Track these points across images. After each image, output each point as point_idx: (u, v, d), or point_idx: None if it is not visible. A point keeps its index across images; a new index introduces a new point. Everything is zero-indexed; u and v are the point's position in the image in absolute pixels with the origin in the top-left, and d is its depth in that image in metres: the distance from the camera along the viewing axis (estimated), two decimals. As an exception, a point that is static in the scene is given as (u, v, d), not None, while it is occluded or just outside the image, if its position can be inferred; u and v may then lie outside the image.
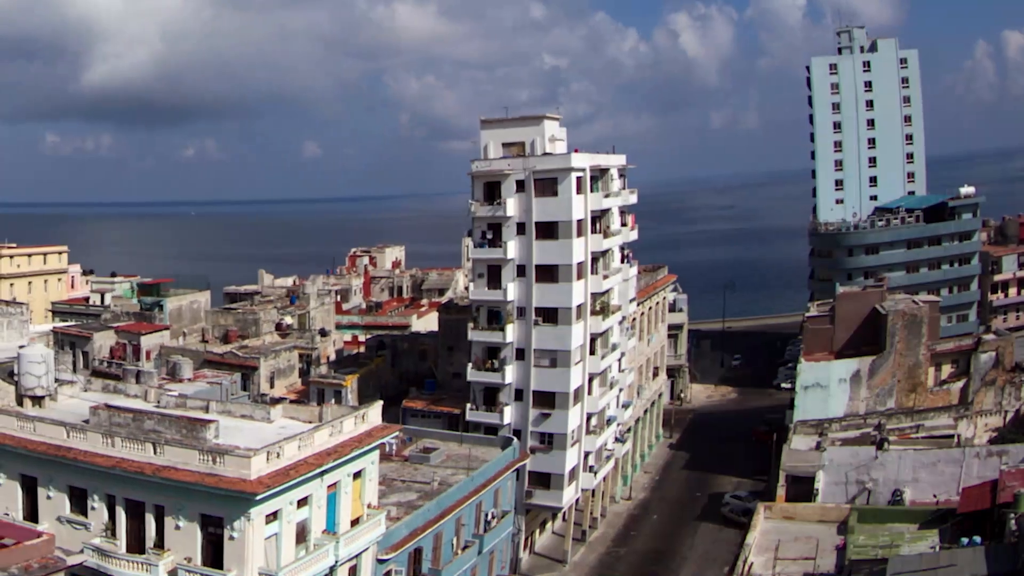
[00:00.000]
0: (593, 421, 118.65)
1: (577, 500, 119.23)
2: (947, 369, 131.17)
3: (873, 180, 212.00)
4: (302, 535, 70.73)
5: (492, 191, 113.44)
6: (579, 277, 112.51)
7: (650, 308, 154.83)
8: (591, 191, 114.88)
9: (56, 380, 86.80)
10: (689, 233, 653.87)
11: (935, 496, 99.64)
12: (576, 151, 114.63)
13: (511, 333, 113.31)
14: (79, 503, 71.70)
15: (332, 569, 72.54)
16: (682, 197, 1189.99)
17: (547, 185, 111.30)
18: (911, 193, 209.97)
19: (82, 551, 68.93)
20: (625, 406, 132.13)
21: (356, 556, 75.74)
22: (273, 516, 67.33)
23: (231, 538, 65.52)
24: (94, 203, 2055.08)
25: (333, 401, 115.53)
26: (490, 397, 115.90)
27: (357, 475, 76.81)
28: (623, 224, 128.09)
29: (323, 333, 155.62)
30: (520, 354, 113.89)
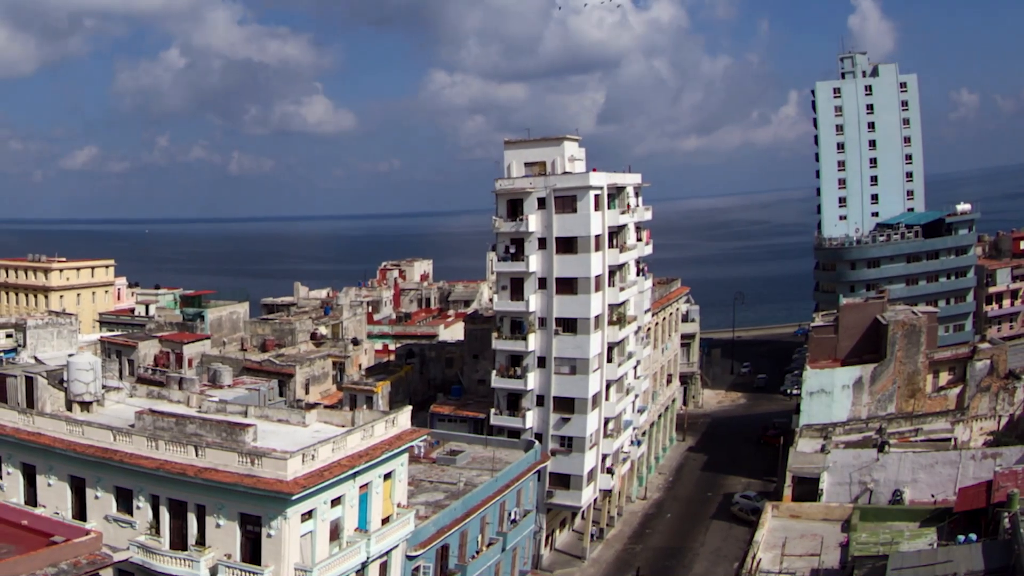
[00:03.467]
0: (610, 425, 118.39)
1: (595, 500, 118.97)
2: (944, 376, 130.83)
3: (875, 197, 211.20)
4: (335, 533, 70.54)
5: (515, 208, 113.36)
6: (597, 289, 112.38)
7: (664, 318, 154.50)
8: (608, 208, 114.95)
9: (103, 387, 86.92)
10: (707, 250, 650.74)
11: (933, 496, 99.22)
12: (595, 170, 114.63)
13: (533, 342, 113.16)
14: (125, 503, 71.66)
15: (364, 565, 72.40)
16: (724, 212, 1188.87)
17: (567, 202, 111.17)
18: (910, 210, 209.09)
19: (128, 548, 68.93)
20: (640, 411, 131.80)
21: (386, 553, 75.61)
22: (308, 515, 67.20)
23: (268, 536, 65.41)
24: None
25: (365, 406, 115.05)
26: (513, 402, 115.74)
27: (387, 476, 76.68)
28: (638, 239, 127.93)
29: (355, 342, 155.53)
30: (541, 362, 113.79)
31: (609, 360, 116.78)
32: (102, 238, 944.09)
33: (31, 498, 76.34)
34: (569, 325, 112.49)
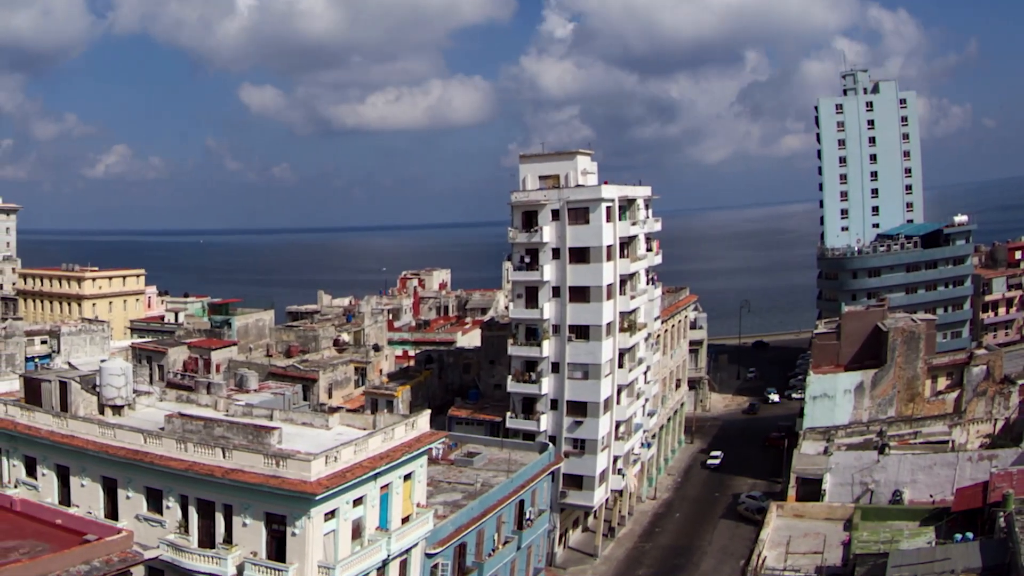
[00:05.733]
0: (621, 428, 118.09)
1: (607, 500, 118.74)
2: (943, 381, 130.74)
3: (875, 209, 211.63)
4: (357, 532, 70.37)
5: (530, 219, 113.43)
6: (608, 298, 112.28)
7: (673, 325, 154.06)
8: (619, 219, 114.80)
9: (134, 391, 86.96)
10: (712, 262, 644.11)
11: (932, 496, 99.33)
12: (606, 183, 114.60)
13: (547, 348, 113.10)
14: (155, 502, 71.54)
15: (384, 563, 72.21)
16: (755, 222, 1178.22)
17: (580, 214, 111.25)
18: (910, 221, 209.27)
19: (158, 546, 68.78)
20: (650, 414, 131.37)
21: (406, 551, 75.42)
22: (331, 514, 67.04)
23: (293, 534, 65.29)
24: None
25: (386, 410, 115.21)
26: (528, 406, 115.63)
27: (407, 477, 76.47)
28: (648, 249, 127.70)
29: (376, 348, 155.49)
30: (555, 367, 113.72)
31: (620, 365, 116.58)
32: (155, 248, 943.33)
33: (65, 498, 76.34)
34: (582, 332, 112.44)
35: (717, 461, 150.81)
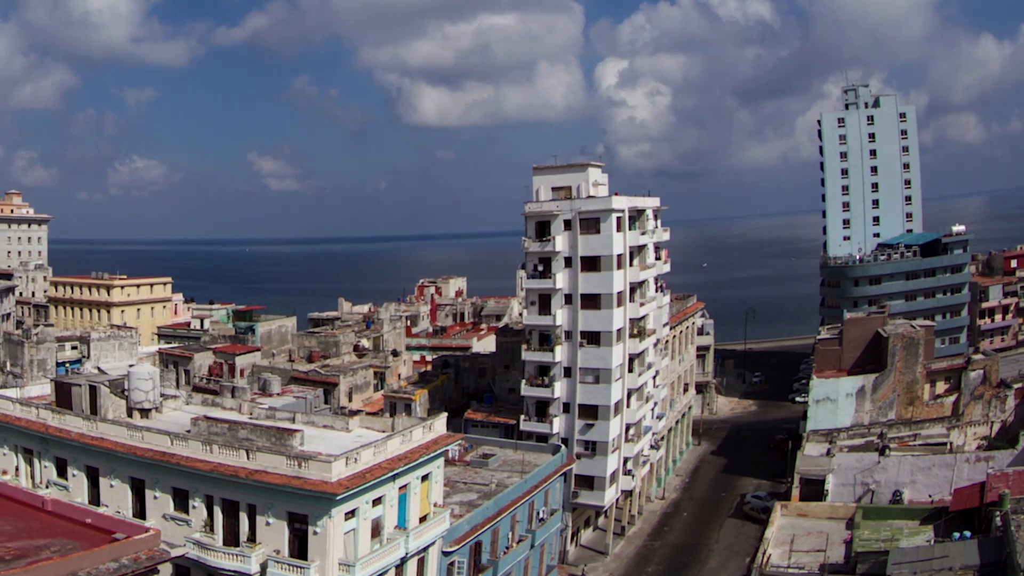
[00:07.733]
0: (631, 430, 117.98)
1: (617, 499, 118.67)
2: (941, 385, 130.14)
3: (876, 219, 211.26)
4: (376, 530, 70.28)
5: (543, 229, 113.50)
6: (619, 305, 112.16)
7: (681, 331, 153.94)
8: (629, 229, 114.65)
9: (161, 395, 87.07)
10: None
11: (930, 496, 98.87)
12: (616, 194, 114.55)
13: (560, 353, 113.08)
14: (181, 502, 71.58)
15: (403, 561, 72.10)
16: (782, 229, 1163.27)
17: (591, 224, 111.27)
18: (909, 231, 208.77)
19: (184, 545, 68.77)
20: (659, 417, 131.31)
21: (424, 549, 75.28)
22: (351, 514, 66.98)
23: (315, 533, 65.23)
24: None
25: (404, 413, 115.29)
26: (541, 409, 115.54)
27: (425, 478, 76.38)
28: (657, 258, 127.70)
29: (395, 353, 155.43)
30: (567, 372, 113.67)
31: (630, 370, 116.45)
32: (200, 257, 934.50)
33: (94, 498, 76.42)
34: (593, 338, 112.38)
35: None
